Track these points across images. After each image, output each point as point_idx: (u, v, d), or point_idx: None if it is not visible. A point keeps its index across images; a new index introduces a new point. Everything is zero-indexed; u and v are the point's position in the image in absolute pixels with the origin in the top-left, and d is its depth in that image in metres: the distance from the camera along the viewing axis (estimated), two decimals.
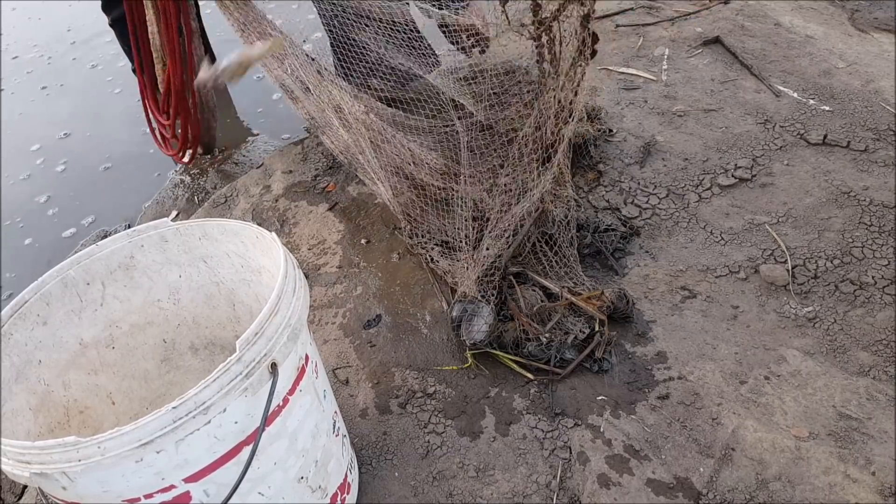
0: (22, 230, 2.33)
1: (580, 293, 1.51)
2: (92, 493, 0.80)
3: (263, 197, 2.15)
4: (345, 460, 1.19)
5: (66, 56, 3.37)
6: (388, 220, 1.93)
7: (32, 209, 2.41)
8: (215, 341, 1.29)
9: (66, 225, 2.32)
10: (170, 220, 1.14)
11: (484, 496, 1.26)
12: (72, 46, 3.44)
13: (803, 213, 1.74)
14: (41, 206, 2.42)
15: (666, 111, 2.14)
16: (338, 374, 1.53)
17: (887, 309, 1.49)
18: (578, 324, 1.47)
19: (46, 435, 1.01)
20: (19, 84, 3.22)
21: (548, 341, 1.43)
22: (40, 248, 2.25)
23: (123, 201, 2.38)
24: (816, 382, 1.37)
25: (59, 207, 2.41)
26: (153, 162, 2.55)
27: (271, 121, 2.66)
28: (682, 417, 1.34)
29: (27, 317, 1.01)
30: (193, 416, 0.77)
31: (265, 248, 1.07)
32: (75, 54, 3.36)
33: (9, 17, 3.90)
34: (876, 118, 1.97)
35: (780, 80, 2.20)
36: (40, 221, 2.36)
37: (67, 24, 3.62)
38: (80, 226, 2.31)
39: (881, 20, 2.47)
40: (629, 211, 1.81)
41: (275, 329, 0.87)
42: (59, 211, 2.39)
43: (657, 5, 2.73)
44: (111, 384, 1.17)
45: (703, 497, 1.21)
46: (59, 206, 2.41)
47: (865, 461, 1.23)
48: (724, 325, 1.51)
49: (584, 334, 1.45)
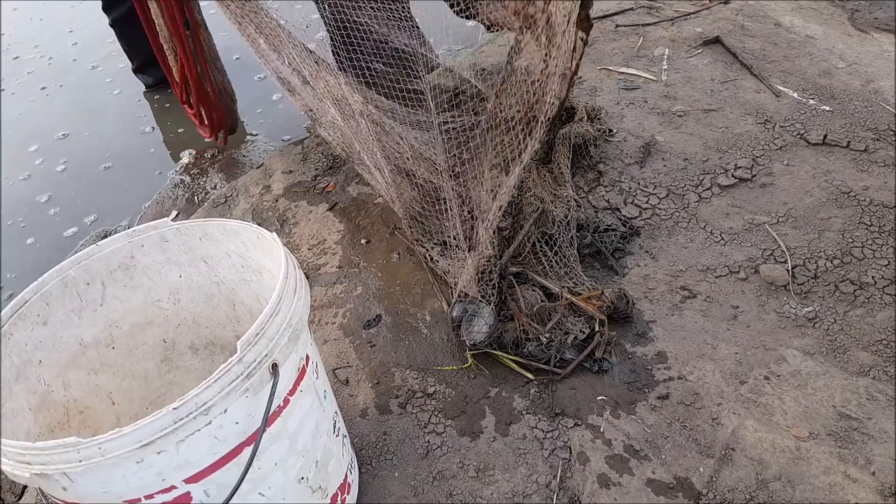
0: (24, 230, 2.33)
1: (580, 293, 1.50)
2: (92, 494, 0.80)
3: (263, 197, 2.15)
4: (345, 460, 1.19)
5: (66, 57, 3.37)
6: (388, 220, 1.93)
7: (33, 209, 2.41)
8: (215, 341, 1.29)
9: (67, 224, 2.32)
10: (170, 220, 1.14)
11: (484, 496, 1.26)
12: (73, 48, 3.43)
13: (803, 213, 1.74)
14: (42, 206, 2.42)
15: (666, 111, 2.14)
16: (338, 375, 1.53)
17: (887, 309, 1.49)
18: (578, 324, 1.47)
19: (46, 435, 1.01)
20: (20, 84, 3.22)
21: (548, 341, 1.43)
22: (41, 248, 2.25)
23: (124, 201, 2.38)
24: (816, 382, 1.37)
25: (60, 207, 2.41)
26: (153, 162, 2.55)
27: (271, 121, 2.66)
28: (682, 417, 1.34)
29: (27, 317, 1.01)
30: (194, 417, 0.77)
31: (266, 248, 1.07)
32: (76, 55, 3.36)
33: (10, 18, 3.89)
34: (876, 118, 1.98)
35: (780, 80, 2.20)
36: (41, 221, 2.36)
37: (69, 25, 3.61)
38: (82, 224, 2.31)
39: (881, 20, 2.47)
40: (629, 211, 1.81)
41: (276, 330, 0.87)
42: (60, 210, 2.39)
43: (657, 5, 2.73)
44: (111, 384, 1.17)
45: (703, 497, 1.21)
46: (59, 206, 2.41)
47: (865, 461, 1.23)
48: (724, 325, 1.51)
49: (584, 334, 1.45)
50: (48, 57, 3.40)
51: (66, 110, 2.95)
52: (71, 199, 2.44)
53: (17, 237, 2.30)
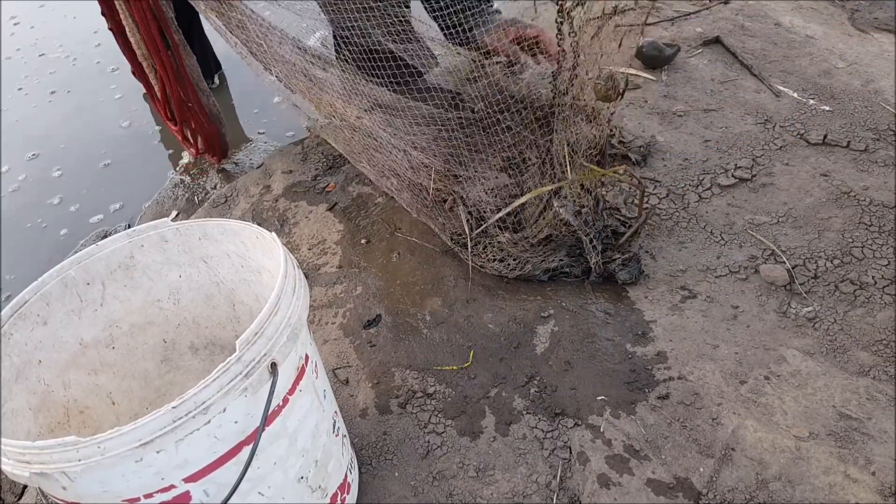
0: (24, 230, 2.33)
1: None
2: (92, 493, 0.80)
3: (263, 197, 2.15)
4: (345, 460, 1.19)
5: (88, 57, 3.32)
6: (389, 220, 1.93)
7: (33, 208, 2.41)
8: (215, 341, 1.29)
9: (67, 224, 2.32)
10: (170, 220, 1.14)
11: (484, 496, 1.26)
12: (97, 49, 3.39)
13: (803, 213, 1.74)
14: (51, 207, 2.41)
15: (666, 111, 2.14)
16: (338, 374, 1.53)
17: (887, 309, 1.49)
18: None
19: (46, 435, 1.01)
20: (38, 84, 3.18)
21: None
22: (41, 248, 2.25)
23: (123, 201, 2.38)
24: (816, 382, 1.37)
25: (66, 207, 2.41)
26: (154, 162, 2.55)
27: (271, 121, 2.66)
28: (682, 417, 1.34)
29: (27, 317, 1.01)
30: (193, 416, 0.77)
31: (265, 248, 1.07)
32: (98, 57, 3.31)
33: (39, 15, 3.84)
34: (876, 118, 1.97)
35: (780, 80, 2.20)
36: (46, 221, 2.36)
37: (94, 26, 3.55)
38: (81, 224, 2.31)
39: (881, 20, 2.47)
40: (629, 211, 1.80)
41: (274, 329, 0.87)
42: (61, 209, 2.39)
43: (657, 5, 2.73)
44: (111, 384, 1.18)
45: (703, 497, 1.21)
46: (65, 206, 2.41)
47: (865, 461, 1.23)
48: (724, 325, 1.51)
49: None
50: (73, 58, 3.35)
51: (68, 111, 2.94)
52: (71, 198, 2.44)
53: (17, 237, 2.31)
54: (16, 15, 3.84)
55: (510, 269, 1.65)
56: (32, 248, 2.27)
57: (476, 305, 1.63)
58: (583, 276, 1.65)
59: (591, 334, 1.52)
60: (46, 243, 2.27)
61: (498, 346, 1.53)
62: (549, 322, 1.56)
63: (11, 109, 3.03)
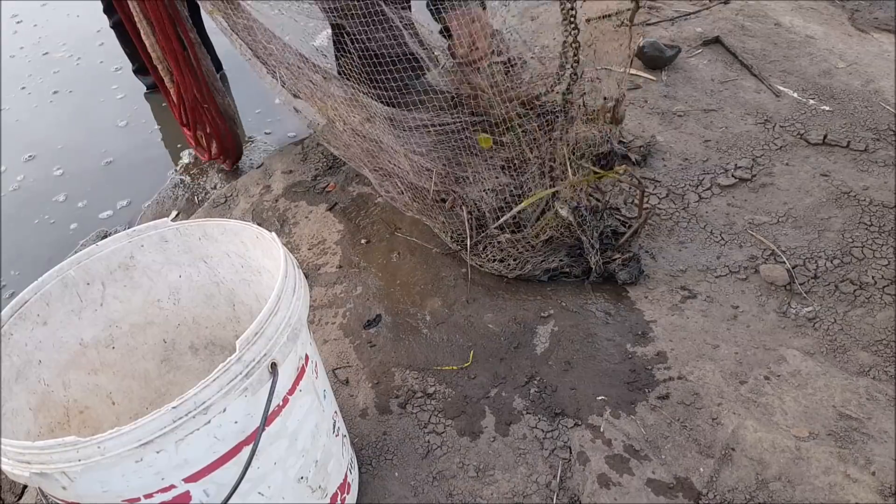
0: (23, 230, 2.33)
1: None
2: (92, 493, 0.80)
3: (263, 197, 2.15)
4: (345, 460, 1.19)
5: (92, 57, 3.32)
6: (389, 220, 1.93)
7: (34, 209, 2.41)
8: (215, 341, 1.29)
9: (66, 224, 2.32)
10: (170, 220, 1.14)
11: (484, 496, 1.26)
12: (100, 48, 3.38)
13: (803, 213, 1.74)
14: (55, 206, 2.41)
15: (666, 111, 2.14)
16: (338, 374, 1.54)
17: (887, 309, 1.49)
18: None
19: (46, 435, 1.01)
20: (41, 84, 3.17)
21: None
22: (40, 248, 2.25)
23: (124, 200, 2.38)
24: (816, 382, 1.37)
25: (69, 205, 2.41)
26: (153, 162, 2.55)
27: (271, 121, 2.66)
28: (682, 417, 1.34)
29: (27, 317, 1.01)
30: (193, 416, 0.77)
31: (265, 248, 1.07)
32: (102, 56, 3.30)
33: (41, 13, 3.83)
34: (876, 118, 1.97)
35: (780, 80, 2.20)
36: (40, 221, 2.36)
37: (97, 25, 3.54)
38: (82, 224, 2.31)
39: (881, 20, 2.47)
40: (629, 211, 1.80)
41: (275, 329, 0.87)
42: (65, 210, 2.39)
43: (657, 5, 2.73)
44: (111, 384, 1.18)
45: (703, 497, 1.21)
46: (68, 205, 2.41)
47: (865, 461, 1.23)
48: (724, 325, 1.51)
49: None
50: (77, 57, 3.34)
51: (69, 112, 2.94)
52: (71, 199, 2.44)
53: (16, 237, 2.31)
54: (18, 13, 3.84)
55: (510, 269, 1.65)
56: (38, 244, 2.27)
57: (476, 305, 1.63)
58: (583, 276, 1.65)
59: (591, 334, 1.52)
60: (55, 239, 2.26)
61: (498, 346, 1.53)
62: (549, 322, 1.56)
63: (13, 109, 3.03)
